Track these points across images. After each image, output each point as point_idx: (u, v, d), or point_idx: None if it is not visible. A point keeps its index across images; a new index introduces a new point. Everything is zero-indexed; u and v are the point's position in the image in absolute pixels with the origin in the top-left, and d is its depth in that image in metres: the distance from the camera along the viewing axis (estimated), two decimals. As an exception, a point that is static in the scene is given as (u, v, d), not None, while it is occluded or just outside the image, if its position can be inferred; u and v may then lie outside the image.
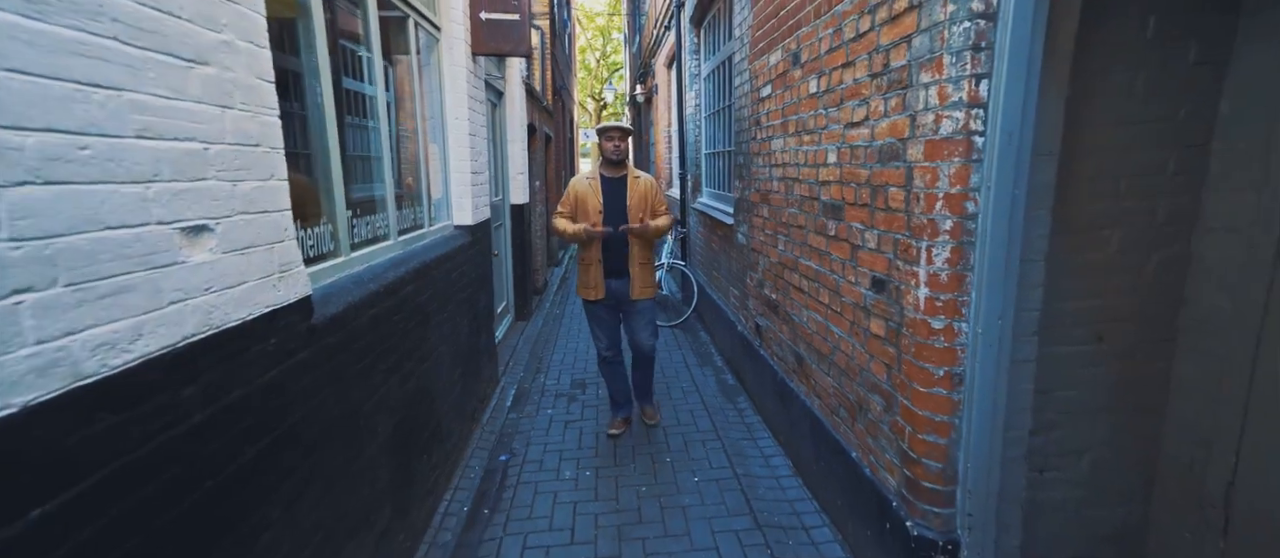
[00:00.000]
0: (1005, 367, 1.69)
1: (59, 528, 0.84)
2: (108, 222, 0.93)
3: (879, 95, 1.96)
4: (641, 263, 3.24)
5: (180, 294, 1.09)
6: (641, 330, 3.33)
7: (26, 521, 0.79)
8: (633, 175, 3.25)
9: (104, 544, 0.91)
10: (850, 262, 2.24)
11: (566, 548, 2.43)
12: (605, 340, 3.38)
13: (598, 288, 3.24)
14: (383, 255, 2.40)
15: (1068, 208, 1.75)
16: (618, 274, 3.23)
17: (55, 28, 0.84)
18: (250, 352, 1.31)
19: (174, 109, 1.09)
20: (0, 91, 0.76)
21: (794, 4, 2.73)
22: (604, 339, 3.38)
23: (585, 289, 3.31)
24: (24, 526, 0.79)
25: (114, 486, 0.93)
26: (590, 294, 3.28)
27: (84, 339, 0.88)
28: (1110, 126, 1.71)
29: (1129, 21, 1.65)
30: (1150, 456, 1.92)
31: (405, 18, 2.88)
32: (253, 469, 1.30)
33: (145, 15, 1.02)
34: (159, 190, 1.05)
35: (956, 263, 1.67)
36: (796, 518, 2.58)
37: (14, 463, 0.78)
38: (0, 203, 0.76)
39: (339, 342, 1.74)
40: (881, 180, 1.96)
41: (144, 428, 1.00)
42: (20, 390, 0.79)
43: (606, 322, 3.36)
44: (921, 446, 1.80)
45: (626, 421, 3.52)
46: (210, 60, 1.19)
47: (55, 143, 0.84)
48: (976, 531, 1.76)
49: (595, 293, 3.25)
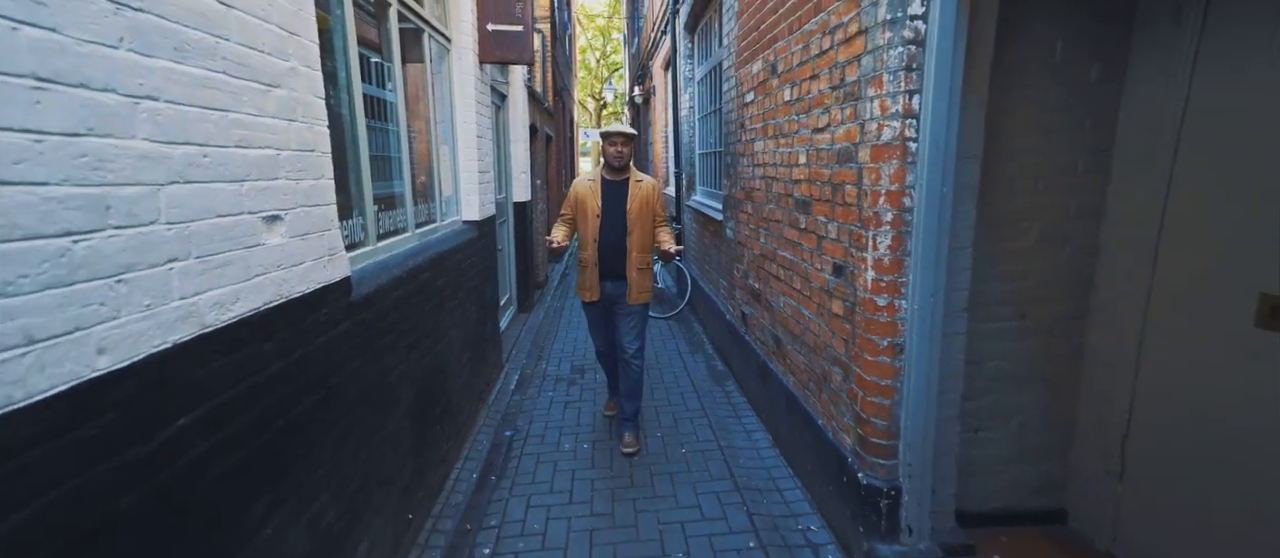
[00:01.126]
0: (938, 338, 1.99)
1: (192, 438, 1.14)
2: (219, 211, 1.23)
3: (838, 105, 2.27)
4: (640, 268, 3.22)
5: (262, 268, 1.39)
6: (626, 333, 3.28)
7: (175, 426, 1.09)
8: (634, 179, 3.21)
9: (216, 457, 1.21)
10: (816, 251, 2.55)
11: (565, 507, 2.74)
12: (602, 339, 3.47)
13: (593, 290, 3.26)
14: (402, 246, 2.70)
15: (992, 203, 2.06)
16: (614, 277, 3.23)
17: (191, 69, 1.15)
18: (308, 319, 1.61)
19: (258, 124, 1.39)
20: (160, 117, 1.06)
21: (772, 20, 3.03)
22: (600, 337, 3.48)
23: (582, 290, 3.34)
24: (173, 430, 1.09)
25: (222, 412, 1.23)
26: (586, 295, 3.31)
27: (206, 299, 1.19)
28: (1028, 134, 2.02)
29: (1040, 47, 1.95)
30: (1068, 418, 2.23)
31: (420, 30, 3.18)
32: (309, 417, 1.60)
33: (242, 52, 1.32)
34: (249, 188, 1.35)
35: (897, 249, 1.97)
36: (772, 482, 2.89)
37: (165, 385, 1.08)
38: (161, 196, 1.07)
39: (370, 318, 2.04)
40: (840, 179, 2.27)
41: (239, 371, 1.30)
42: (172, 333, 1.09)
43: (601, 323, 3.41)
44: (870, 407, 2.10)
45: None
46: (282, 84, 1.49)
47: (190, 152, 1.14)
48: (915, 479, 2.06)
49: (590, 295, 3.28)
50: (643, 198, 3.18)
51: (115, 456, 0.96)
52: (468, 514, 2.66)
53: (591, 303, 3.32)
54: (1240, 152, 1.64)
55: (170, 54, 1.09)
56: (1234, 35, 1.65)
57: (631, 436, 3.29)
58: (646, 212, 3.18)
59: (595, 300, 3.29)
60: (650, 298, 3.35)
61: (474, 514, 2.67)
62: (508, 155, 5.76)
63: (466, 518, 2.63)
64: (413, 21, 3.06)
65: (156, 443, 1.05)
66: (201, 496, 1.16)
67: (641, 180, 3.23)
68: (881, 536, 2.10)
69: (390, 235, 2.62)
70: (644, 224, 3.19)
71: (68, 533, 0.87)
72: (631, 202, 3.15)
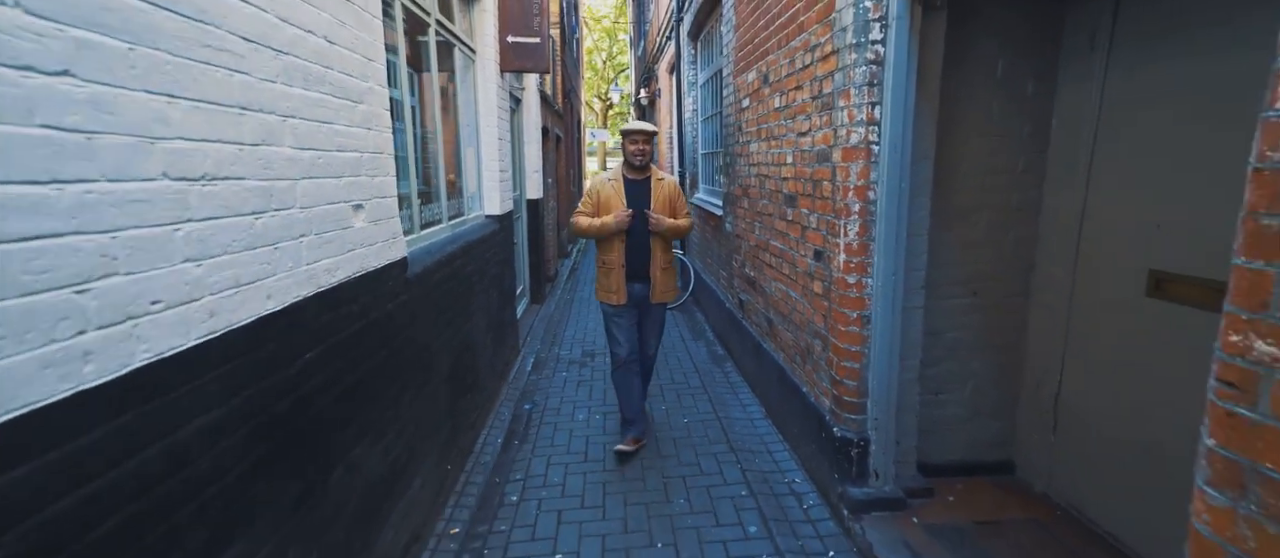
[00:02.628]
0: (898, 310, 2.36)
1: (314, 369, 1.52)
2: (328, 199, 1.62)
3: (817, 112, 2.64)
4: (664, 267, 3.21)
5: (352, 245, 1.78)
6: (652, 335, 3.33)
7: (304, 359, 1.48)
8: (656, 177, 3.19)
9: (328, 386, 1.60)
10: (801, 239, 2.92)
11: (581, 464, 3.12)
12: (626, 345, 3.23)
13: (620, 292, 3.16)
14: (440, 235, 3.09)
15: (947, 198, 2.42)
16: (640, 278, 3.18)
17: (313, 93, 1.53)
18: (380, 288, 2.00)
19: (349, 133, 1.77)
20: (298, 130, 1.45)
21: (764, 35, 3.41)
22: (625, 344, 3.23)
23: (607, 294, 3.20)
24: (303, 362, 1.47)
25: (330, 354, 1.62)
26: (613, 299, 3.18)
27: (320, 266, 1.57)
28: (975, 138, 2.38)
29: (985, 65, 2.32)
30: (1014, 382, 2.59)
31: (451, 44, 3.57)
32: (380, 370, 1.99)
33: (340, 78, 1.71)
34: (344, 182, 1.73)
35: (863, 235, 2.34)
36: (763, 445, 3.26)
37: (300, 328, 1.46)
38: (297, 188, 1.45)
39: (420, 294, 2.43)
40: (818, 176, 2.64)
41: (339, 324, 1.69)
42: (303, 289, 1.47)
43: (627, 327, 3.24)
44: (843, 370, 2.47)
45: (638, 440, 3.23)
46: (363, 100, 1.88)
47: (313, 155, 1.53)
48: (881, 431, 2.43)
49: (618, 298, 3.16)
50: (665, 197, 3.16)
51: (278, 371, 1.35)
52: (496, 470, 3.05)
53: (619, 307, 3.20)
54: (1135, 151, 2.00)
55: (302, 84, 1.48)
56: (1130, 54, 2.01)
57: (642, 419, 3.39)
58: (669, 210, 3.17)
59: (623, 304, 3.18)
60: (673, 297, 3.31)
61: (501, 470, 3.06)
62: (522, 156, 6.15)
63: (495, 472, 3.02)
64: (445, 36, 3.46)
65: (296, 368, 1.44)
66: (321, 411, 1.55)
67: (664, 179, 3.22)
68: (852, 480, 2.46)
69: (430, 225, 3.01)
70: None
71: (256, 420, 1.26)
72: (655, 201, 3.13)
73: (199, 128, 1.10)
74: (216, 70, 1.15)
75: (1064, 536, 2.21)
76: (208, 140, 1.12)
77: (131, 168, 0.94)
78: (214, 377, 1.13)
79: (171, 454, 1.02)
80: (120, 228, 0.91)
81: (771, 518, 2.57)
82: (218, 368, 1.14)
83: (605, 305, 3.26)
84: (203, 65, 1.11)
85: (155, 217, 0.99)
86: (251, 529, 1.24)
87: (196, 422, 1.08)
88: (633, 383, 3.27)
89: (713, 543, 2.42)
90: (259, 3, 1.30)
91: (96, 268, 0.87)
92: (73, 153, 0.83)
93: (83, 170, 0.85)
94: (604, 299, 3.24)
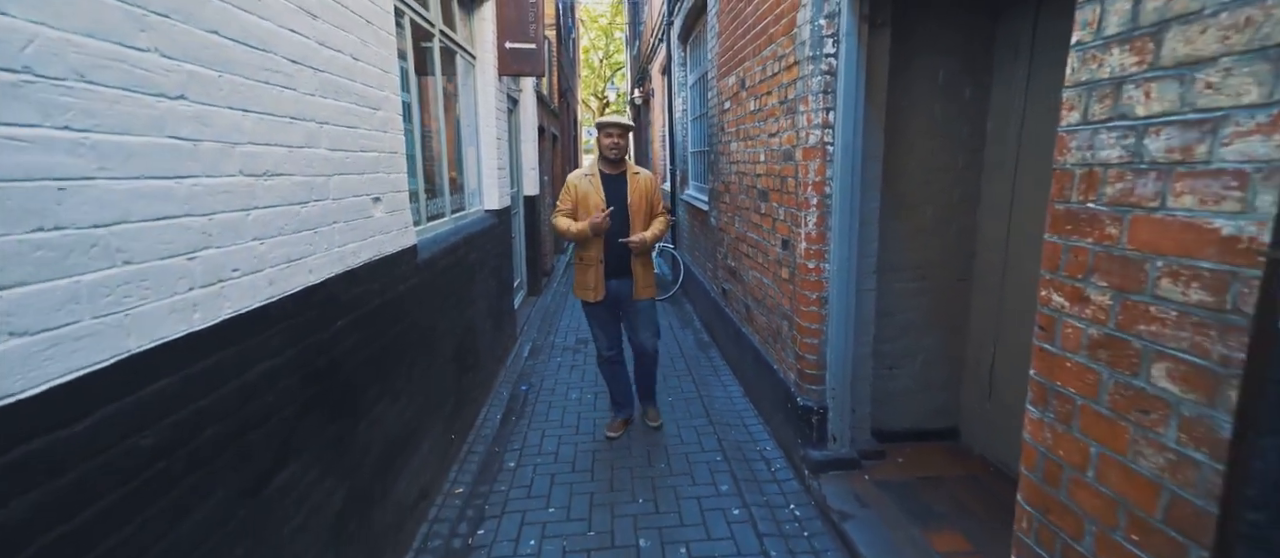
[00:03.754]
0: (852, 292, 2.66)
1: (343, 335, 1.82)
2: (354, 192, 1.92)
3: (783, 116, 2.94)
4: (644, 263, 3.20)
5: (372, 232, 2.08)
6: (643, 330, 3.28)
7: (336, 326, 1.78)
8: (632, 171, 3.19)
9: (355, 351, 1.90)
10: (772, 230, 3.22)
11: (573, 436, 3.42)
12: (605, 341, 3.30)
13: (598, 289, 3.14)
14: (444, 227, 3.38)
15: (897, 192, 2.73)
16: (619, 274, 3.16)
17: (342, 103, 1.83)
18: (394, 271, 2.29)
19: (369, 136, 2.07)
20: (331, 135, 1.75)
21: (741, 43, 3.70)
22: (604, 339, 3.30)
23: (584, 290, 3.20)
24: (335, 328, 1.77)
25: (355, 323, 1.92)
26: (589, 295, 3.17)
27: (347, 248, 1.87)
28: (920, 139, 2.68)
29: (928, 74, 2.62)
30: (959, 358, 2.90)
31: (453, 51, 3.86)
32: (394, 342, 2.29)
33: (362, 89, 2.00)
34: (366, 178, 2.03)
35: (821, 225, 2.64)
36: (739, 419, 3.57)
37: (333, 299, 1.76)
38: (331, 183, 1.75)
39: (428, 279, 2.73)
40: (785, 173, 2.94)
41: (362, 300, 1.98)
42: (336, 267, 1.77)
43: (606, 322, 3.27)
44: (805, 345, 2.77)
45: (626, 422, 3.46)
46: (380, 107, 2.17)
47: (342, 155, 1.82)
48: (837, 401, 2.74)
49: (595, 294, 3.15)
50: (641, 190, 3.16)
51: (318, 333, 1.65)
52: (495, 441, 3.35)
53: (596, 303, 3.19)
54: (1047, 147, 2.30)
55: (334, 95, 1.77)
56: (1046, 59, 2.31)
57: (654, 409, 3.52)
58: (646, 204, 3.16)
59: (600, 300, 3.17)
60: (655, 292, 3.31)
61: (500, 441, 3.36)
62: (519, 154, 6.44)
63: (495, 443, 3.32)
64: (448, 43, 3.75)
65: (330, 332, 1.74)
66: (350, 372, 1.85)
67: (639, 172, 3.21)
68: (813, 444, 2.77)
69: (434, 218, 3.31)
70: (644, 217, 3.17)
71: (302, 371, 1.56)
72: (632, 194, 3.12)
73: (263, 134, 1.39)
74: (273, 88, 1.45)
75: (993, 487, 2.52)
76: (268, 144, 1.42)
77: (219, 167, 1.24)
78: (273, 332, 1.43)
79: (244, 389, 1.32)
80: (214, 212, 1.21)
81: (742, 478, 2.88)
82: (276, 325, 1.44)
83: (583, 302, 3.25)
84: (264, 85, 1.41)
85: (235, 204, 1.28)
86: (300, 458, 1.55)
87: (261, 366, 1.38)
88: (617, 372, 3.40)
89: (688, 499, 2.73)
90: (303, 31, 1.59)
91: (200, 242, 1.17)
92: (186, 156, 1.13)
93: (191, 168, 1.15)
94: (582, 296, 3.22)
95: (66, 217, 0.88)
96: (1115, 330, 1.02)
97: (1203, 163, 0.85)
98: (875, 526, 2.33)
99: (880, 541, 2.24)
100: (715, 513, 2.61)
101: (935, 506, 2.43)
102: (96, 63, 0.93)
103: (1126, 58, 0.98)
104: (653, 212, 3.21)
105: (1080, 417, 1.11)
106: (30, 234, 0.82)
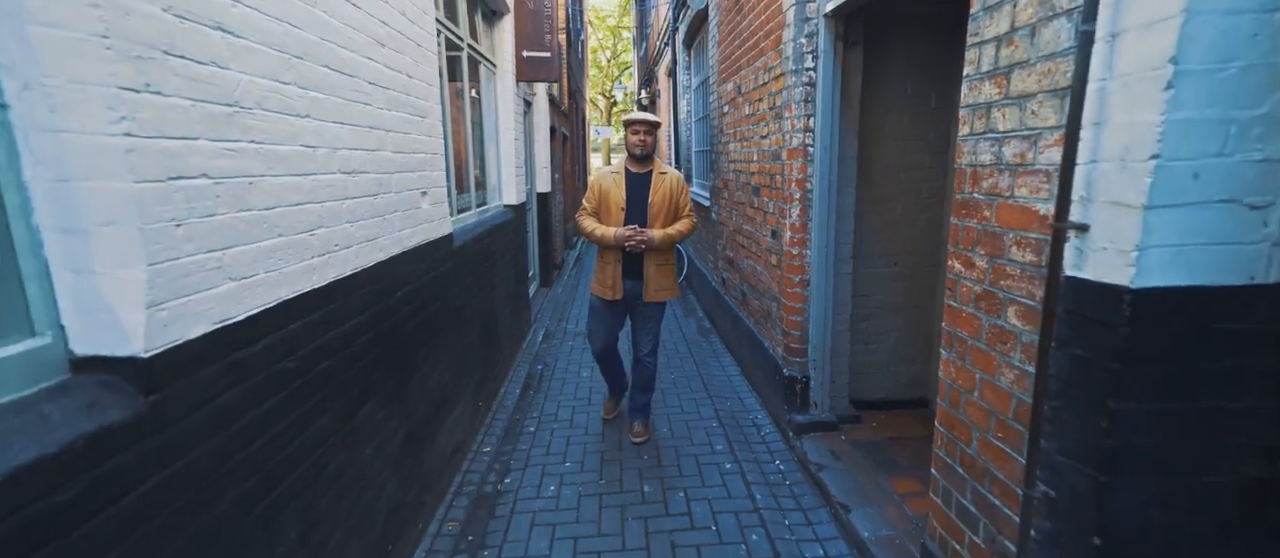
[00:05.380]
0: (831, 275, 3.04)
1: (401, 304, 2.23)
2: (408, 188, 2.32)
3: (772, 121, 3.32)
4: (658, 265, 3.12)
5: (420, 221, 2.48)
6: (645, 334, 3.26)
7: (397, 295, 2.18)
8: (659, 171, 3.11)
9: (409, 318, 2.30)
10: (763, 222, 3.60)
11: (585, 406, 3.82)
12: (601, 339, 3.31)
13: (615, 287, 3.13)
14: (470, 219, 3.79)
15: (871, 188, 3.10)
16: (635, 274, 3.13)
17: (401, 114, 2.23)
18: (436, 254, 2.70)
19: (419, 140, 2.47)
20: (394, 140, 2.15)
21: (737, 53, 4.08)
22: (600, 338, 3.31)
23: (602, 287, 3.18)
24: (396, 298, 2.18)
25: (410, 296, 2.32)
26: (607, 293, 3.15)
27: (404, 233, 2.28)
28: (892, 142, 3.06)
29: (898, 84, 2.99)
30: (928, 335, 3.28)
31: (478, 61, 4.26)
32: (436, 316, 2.69)
33: (415, 102, 2.40)
34: (416, 176, 2.43)
35: (804, 216, 3.02)
36: (734, 392, 3.96)
37: (393, 275, 2.16)
38: (393, 179, 2.15)
39: (460, 263, 3.13)
40: (773, 171, 3.32)
41: (414, 276, 2.39)
42: (396, 248, 2.18)
43: (608, 320, 3.25)
44: (789, 322, 3.16)
45: (618, 403, 3.62)
46: (427, 115, 2.58)
47: (400, 156, 2.23)
48: (818, 371, 3.12)
49: (613, 293, 3.13)
50: (666, 190, 3.07)
51: (385, 300, 2.05)
52: (516, 410, 3.76)
53: (607, 302, 3.19)
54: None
55: (396, 108, 2.18)
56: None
57: (641, 425, 3.32)
58: (669, 205, 3.07)
59: (617, 299, 3.15)
60: (670, 296, 3.21)
61: (520, 410, 3.77)
62: (532, 153, 6.84)
63: (516, 412, 3.73)
64: (474, 54, 4.15)
65: (394, 300, 2.15)
66: (405, 335, 2.26)
67: (666, 172, 3.13)
68: (797, 409, 3.16)
69: (463, 211, 3.72)
70: (665, 219, 3.07)
71: (375, 329, 1.97)
72: (654, 194, 3.05)
73: (353, 141, 1.80)
74: (358, 105, 1.85)
75: (952, 445, 2.90)
76: (355, 149, 1.82)
77: (328, 166, 1.64)
78: (358, 294, 1.84)
79: (342, 336, 1.73)
80: (324, 200, 1.62)
81: (734, 440, 3.27)
82: (360, 289, 1.85)
83: (594, 298, 3.26)
84: (353, 103, 1.81)
85: (335, 194, 1.69)
86: (375, 398, 1.95)
87: (351, 321, 1.79)
88: (611, 360, 3.44)
89: (686, 456, 3.12)
90: (376, 59, 2.00)
91: (317, 222, 1.58)
92: (308, 159, 1.54)
93: (311, 167, 1.55)
94: (598, 292, 3.22)
95: (253, 202, 1.28)
96: (989, 286, 1.40)
97: (1031, 165, 1.23)
98: (846, 474, 2.71)
99: (850, 485, 2.62)
100: (710, 467, 3.00)
101: (899, 459, 2.81)
102: (266, 95, 1.34)
103: (992, 89, 1.36)
104: (677, 214, 3.11)
105: (971, 353, 1.49)
106: (238, 213, 1.23)
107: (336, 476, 1.68)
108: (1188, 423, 1.04)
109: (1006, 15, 1.30)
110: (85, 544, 0.86)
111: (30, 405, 0.85)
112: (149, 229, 0.99)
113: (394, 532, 2.13)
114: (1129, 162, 0.99)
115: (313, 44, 1.55)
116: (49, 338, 0.93)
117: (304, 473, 1.50)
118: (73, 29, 0.88)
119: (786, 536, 2.42)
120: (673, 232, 3.07)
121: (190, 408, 1.09)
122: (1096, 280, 1.06)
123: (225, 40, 1.19)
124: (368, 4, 1.94)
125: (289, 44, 1.44)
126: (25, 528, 0.77)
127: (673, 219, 3.11)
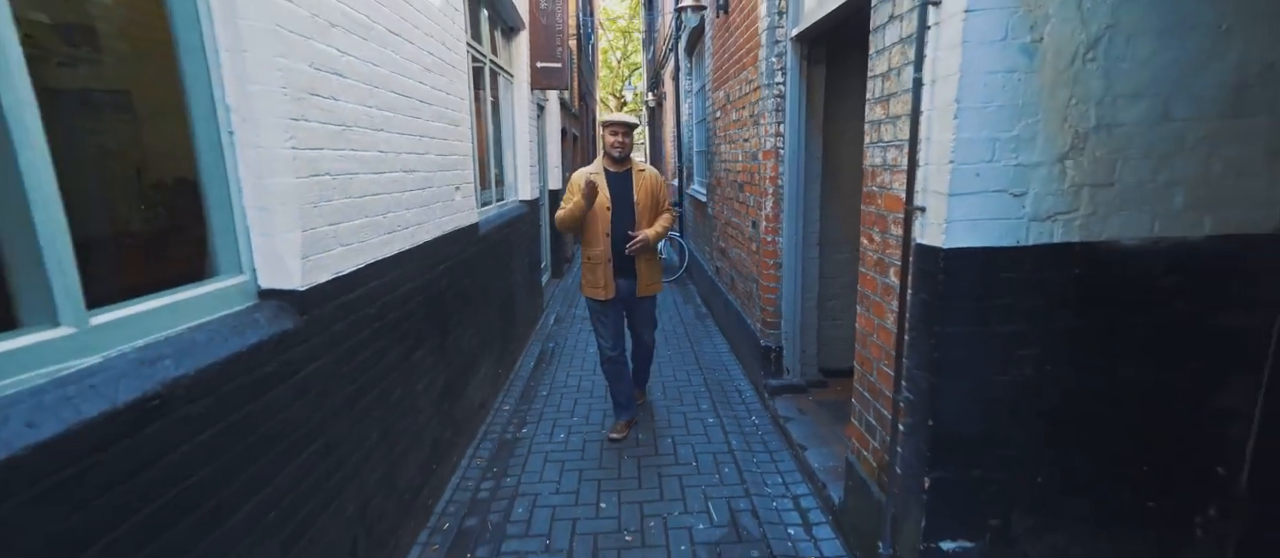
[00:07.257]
0: (800, 258, 3.55)
1: (443, 278, 2.78)
2: (446, 183, 2.87)
3: (752, 126, 3.83)
4: (648, 261, 3.25)
5: (453, 211, 3.03)
6: (644, 325, 3.46)
7: (438, 270, 2.74)
8: (638, 169, 3.23)
9: (449, 290, 2.85)
10: (746, 214, 4.12)
11: (592, 376, 4.37)
12: (610, 339, 3.30)
13: (608, 287, 3.19)
14: (492, 212, 4.35)
15: (835, 184, 3.61)
16: (627, 273, 3.22)
17: (440, 124, 2.79)
18: (467, 238, 3.25)
19: (453, 144, 3.02)
20: (437, 146, 2.70)
21: (727, 65, 4.60)
22: (609, 338, 3.30)
23: (594, 289, 3.23)
24: (437, 273, 2.73)
25: (448, 272, 2.87)
26: (600, 294, 3.21)
27: (442, 220, 2.83)
28: (852, 145, 3.56)
29: (856, 98, 3.49)
30: (886, 310, 3.77)
31: (497, 73, 4.82)
32: (467, 290, 3.24)
33: (451, 114, 2.95)
34: (452, 174, 2.98)
35: (776, 208, 3.54)
36: (722, 364, 4.49)
37: (437, 253, 2.71)
38: (436, 176, 2.70)
39: (484, 248, 3.69)
40: (753, 170, 3.84)
41: (452, 254, 2.94)
42: (436, 231, 2.73)
43: (612, 320, 3.29)
44: (766, 300, 3.67)
45: (629, 424, 3.42)
46: (459, 123, 3.12)
47: (440, 158, 2.78)
48: (789, 342, 3.63)
49: (605, 293, 3.20)
50: (647, 187, 3.19)
51: (432, 271, 2.61)
52: (531, 378, 4.32)
53: (605, 302, 3.25)
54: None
55: (439, 119, 2.73)
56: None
57: (639, 390, 3.73)
58: (652, 201, 3.20)
59: (610, 299, 3.22)
60: (660, 287, 3.38)
61: (535, 378, 4.33)
62: (545, 154, 7.40)
63: (531, 380, 4.28)
64: (494, 66, 4.71)
65: (438, 272, 2.70)
66: (446, 302, 2.81)
67: (644, 169, 3.25)
68: (772, 374, 3.68)
69: (486, 205, 4.28)
70: (650, 214, 3.21)
71: (426, 294, 2.52)
72: (638, 192, 3.16)
73: (408, 147, 2.35)
74: (413, 119, 2.40)
75: (901, 403, 3.40)
76: (412, 154, 2.37)
77: (393, 166, 2.19)
78: (413, 265, 2.39)
79: (405, 295, 2.28)
80: (391, 192, 2.17)
81: (718, 401, 3.80)
82: (415, 261, 2.40)
83: (591, 301, 3.30)
84: (409, 117, 2.36)
85: (397, 188, 2.24)
86: (425, 347, 2.51)
87: (410, 284, 2.34)
88: (621, 372, 3.38)
89: (676, 413, 3.66)
90: (425, 81, 2.55)
91: (388, 208, 2.12)
92: (381, 162, 2.08)
93: (383, 167, 2.10)
94: (591, 294, 3.26)
95: (352, 191, 1.83)
96: (881, 254, 1.92)
97: (898, 166, 1.75)
98: (808, 424, 3.23)
99: (809, 432, 3.14)
100: (695, 421, 3.54)
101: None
102: (359, 116, 1.89)
103: (880, 110, 1.87)
104: (659, 208, 3.25)
105: (872, 305, 2.01)
106: (344, 199, 1.78)
107: (399, 401, 2.24)
108: (984, 341, 1.55)
109: (885, 59, 1.82)
110: (274, 402, 1.41)
111: (247, 314, 1.41)
112: (302, 208, 1.54)
113: (437, 457, 2.68)
114: (939, 164, 1.50)
115: (385, 76, 2.10)
116: (248, 276, 1.48)
117: (379, 393, 2.05)
118: (268, 84, 1.43)
119: (753, 468, 2.95)
120: (660, 229, 3.24)
121: (321, 329, 1.64)
122: (928, 245, 1.57)
123: (340, 81, 1.75)
124: (420, 39, 2.49)
125: (373, 78, 1.99)
126: (256, 384, 1.33)
127: (655, 213, 3.25)
